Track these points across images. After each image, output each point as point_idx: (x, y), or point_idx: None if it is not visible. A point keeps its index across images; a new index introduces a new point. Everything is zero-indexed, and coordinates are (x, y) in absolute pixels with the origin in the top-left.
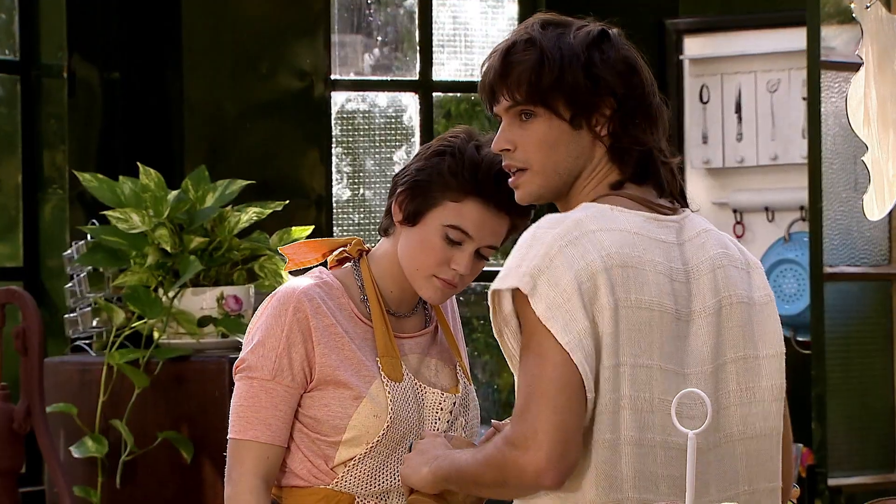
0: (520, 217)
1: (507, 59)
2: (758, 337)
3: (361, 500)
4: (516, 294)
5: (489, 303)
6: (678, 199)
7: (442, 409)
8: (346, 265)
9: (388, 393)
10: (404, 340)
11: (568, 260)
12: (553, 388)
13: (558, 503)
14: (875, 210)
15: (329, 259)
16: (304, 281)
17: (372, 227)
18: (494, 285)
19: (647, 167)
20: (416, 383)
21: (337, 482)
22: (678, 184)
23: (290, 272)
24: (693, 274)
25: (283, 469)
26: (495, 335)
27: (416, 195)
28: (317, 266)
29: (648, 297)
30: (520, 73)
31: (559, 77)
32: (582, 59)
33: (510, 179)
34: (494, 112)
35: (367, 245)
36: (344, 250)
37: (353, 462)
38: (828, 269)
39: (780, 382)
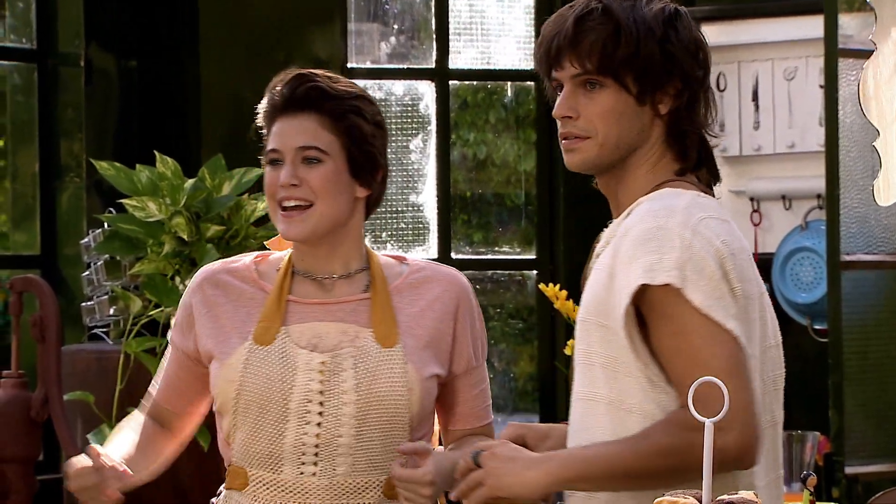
0: (332, 108)
1: (581, 27)
2: (770, 326)
3: (254, 473)
4: (654, 289)
5: (628, 298)
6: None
7: (311, 370)
8: None
9: (245, 356)
10: (325, 306)
11: (703, 246)
12: (735, 368)
13: (730, 481)
14: (883, 195)
15: None
16: (216, 262)
17: (387, 214)
18: (642, 280)
19: (702, 152)
20: (288, 346)
21: (233, 455)
22: (717, 171)
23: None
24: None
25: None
26: (623, 329)
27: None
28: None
29: (754, 278)
30: (593, 41)
31: (634, 51)
32: (657, 35)
33: (565, 142)
34: (553, 77)
35: None
36: None
37: (231, 432)
38: (845, 258)
39: (782, 372)
